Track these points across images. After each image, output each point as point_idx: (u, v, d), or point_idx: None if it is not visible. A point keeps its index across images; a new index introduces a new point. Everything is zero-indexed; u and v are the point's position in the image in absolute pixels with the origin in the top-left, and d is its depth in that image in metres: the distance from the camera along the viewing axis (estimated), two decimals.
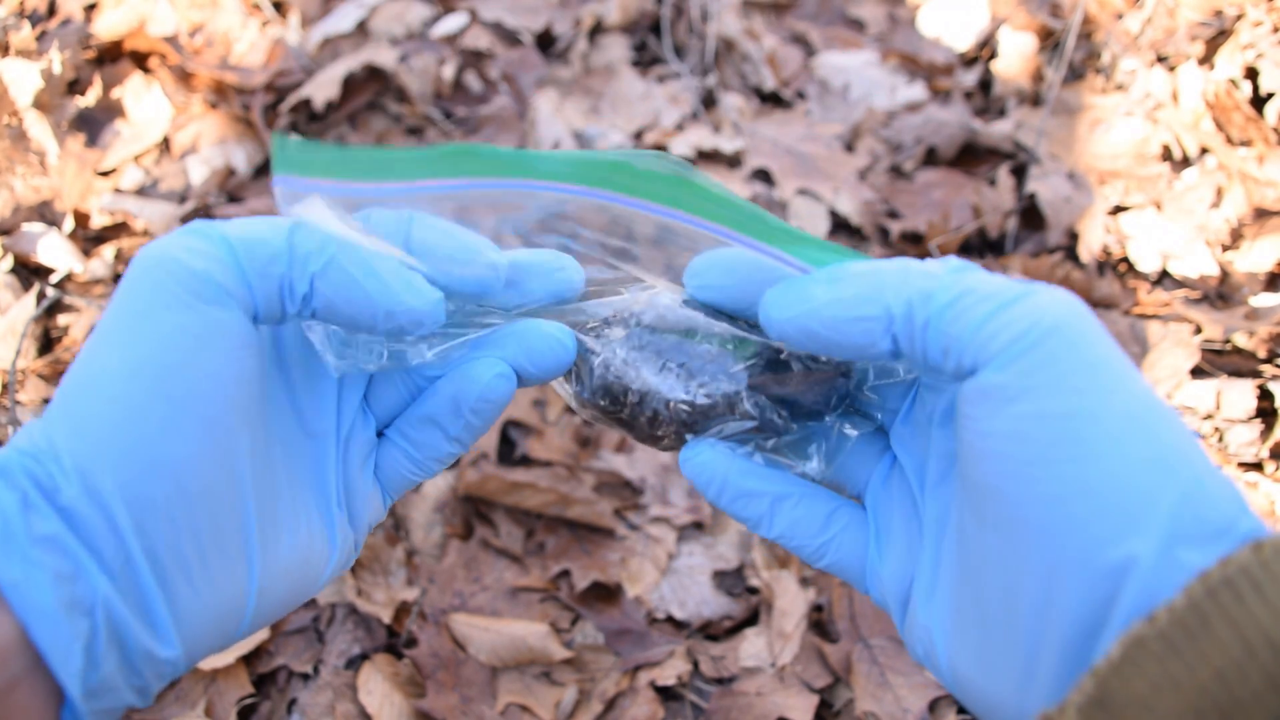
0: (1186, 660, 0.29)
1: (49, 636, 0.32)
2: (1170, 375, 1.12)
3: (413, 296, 0.39)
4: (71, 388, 0.36)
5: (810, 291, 0.38)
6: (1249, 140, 1.41)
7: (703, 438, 0.44)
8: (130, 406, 0.35)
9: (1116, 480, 0.31)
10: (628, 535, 1.02)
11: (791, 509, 0.43)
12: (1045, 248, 1.36)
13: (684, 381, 0.43)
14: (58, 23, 1.52)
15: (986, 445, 0.34)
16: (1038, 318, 0.33)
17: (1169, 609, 0.29)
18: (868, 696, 0.89)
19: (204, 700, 0.85)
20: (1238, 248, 1.33)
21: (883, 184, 1.44)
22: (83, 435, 0.34)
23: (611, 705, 0.89)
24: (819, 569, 0.45)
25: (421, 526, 1.02)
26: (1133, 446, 0.32)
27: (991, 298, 0.34)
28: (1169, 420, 0.33)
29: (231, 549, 0.38)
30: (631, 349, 0.44)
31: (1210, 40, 1.50)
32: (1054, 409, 0.33)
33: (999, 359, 0.34)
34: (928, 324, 0.35)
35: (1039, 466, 0.33)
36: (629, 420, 0.44)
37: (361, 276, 0.38)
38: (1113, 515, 0.31)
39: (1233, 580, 0.29)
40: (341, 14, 1.63)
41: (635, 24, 1.67)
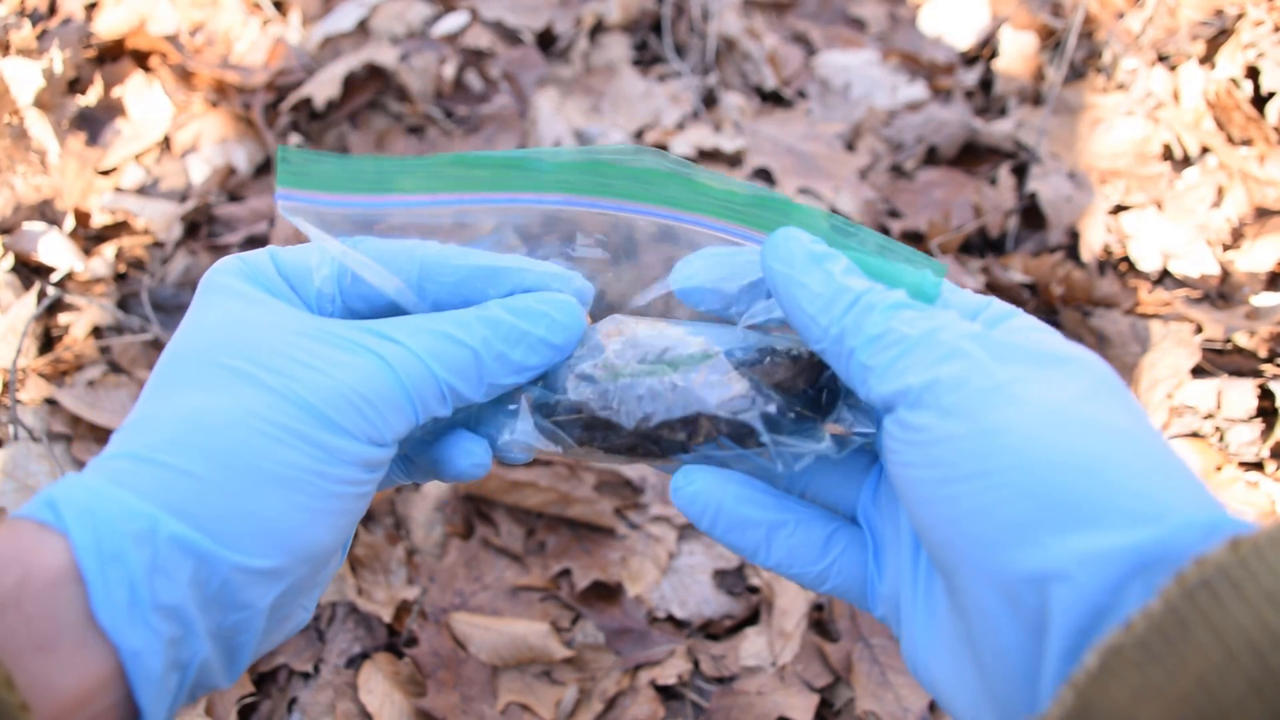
0: (1167, 667, 0.27)
1: (150, 695, 0.33)
2: (1171, 374, 1.12)
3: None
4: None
5: (799, 262, 0.41)
6: (1250, 139, 1.40)
7: (699, 456, 0.43)
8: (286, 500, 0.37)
9: (1025, 489, 0.32)
10: (628, 534, 1.02)
11: (788, 537, 0.43)
12: (1046, 247, 1.36)
13: (678, 379, 0.43)
14: (58, 22, 1.52)
15: (905, 474, 0.36)
16: (942, 353, 0.36)
17: (1145, 615, 0.28)
18: (868, 696, 0.89)
19: (204, 699, 0.85)
20: (1239, 247, 1.33)
21: (884, 183, 1.44)
22: (237, 505, 0.36)
23: (612, 704, 0.89)
24: (823, 594, 0.45)
25: (422, 525, 1.02)
26: (1038, 452, 0.32)
27: (902, 341, 0.37)
28: (1087, 423, 0.33)
29: (313, 589, 0.41)
30: (615, 361, 0.44)
31: (1211, 39, 1.49)
32: (955, 431, 0.34)
33: (908, 396, 0.36)
34: (852, 354, 0.38)
35: (946, 487, 0.34)
36: (623, 444, 0.43)
37: None
38: (1017, 527, 0.32)
39: (1210, 581, 0.28)
40: (342, 13, 1.63)
41: (636, 23, 1.67)
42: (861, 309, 0.38)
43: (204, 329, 0.39)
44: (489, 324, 0.41)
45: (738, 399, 0.42)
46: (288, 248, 0.44)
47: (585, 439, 0.44)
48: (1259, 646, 0.26)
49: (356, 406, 0.38)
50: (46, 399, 1.03)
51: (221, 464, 0.35)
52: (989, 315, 0.40)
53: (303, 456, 0.37)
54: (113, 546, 0.33)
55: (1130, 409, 0.35)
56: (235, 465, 0.36)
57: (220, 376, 0.37)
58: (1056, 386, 0.34)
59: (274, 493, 0.36)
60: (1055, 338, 0.38)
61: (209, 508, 0.35)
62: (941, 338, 0.36)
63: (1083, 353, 0.37)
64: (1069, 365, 0.36)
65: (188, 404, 0.37)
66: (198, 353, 0.38)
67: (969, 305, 0.41)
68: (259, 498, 0.36)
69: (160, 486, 0.35)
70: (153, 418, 0.37)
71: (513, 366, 0.42)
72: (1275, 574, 0.27)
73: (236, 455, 0.36)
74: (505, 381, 0.42)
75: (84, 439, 1.03)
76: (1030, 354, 0.36)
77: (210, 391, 0.37)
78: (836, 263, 0.41)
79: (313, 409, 0.37)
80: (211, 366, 0.38)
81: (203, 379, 0.38)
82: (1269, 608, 0.27)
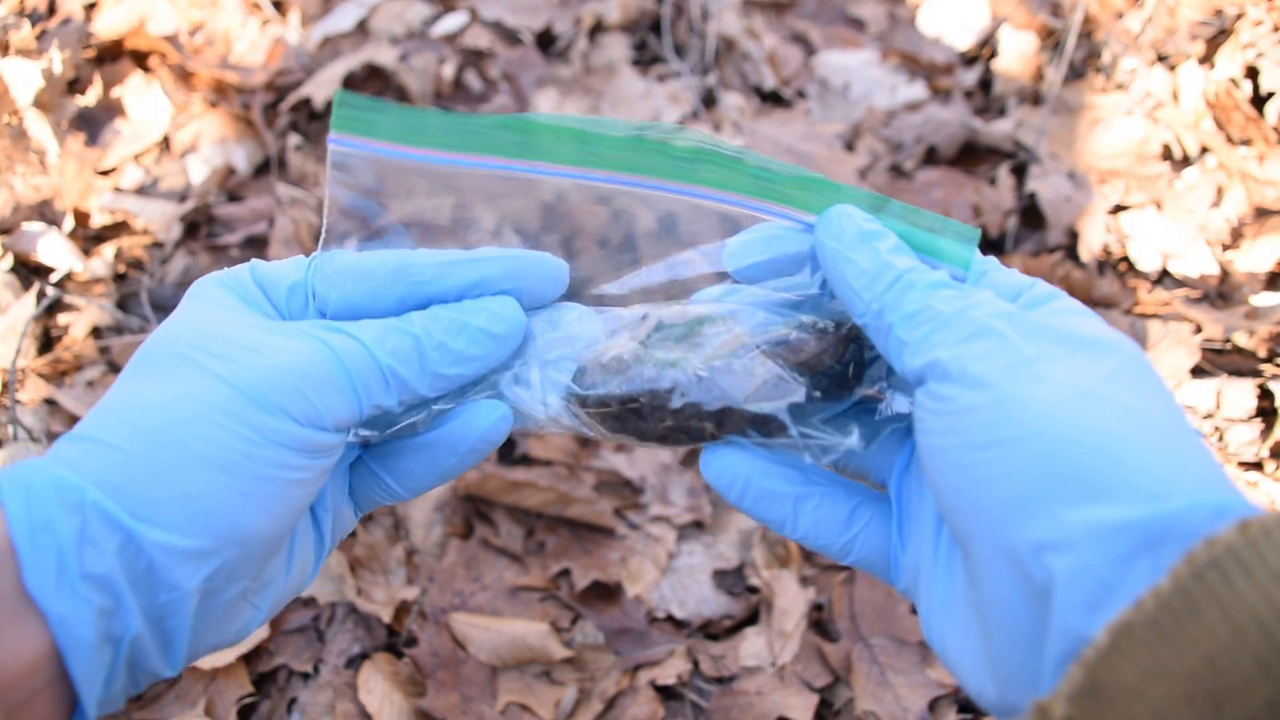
0: (1175, 646, 0.28)
1: (81, 665, 0.34)
2: (1171, 374, 1.12)
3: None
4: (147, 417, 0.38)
5: (850, 239, 0.42)
6: (1249, 139, 1.40)
7: (728, 441, 0.44)
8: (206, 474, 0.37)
9: (1038, 460, 0.33)
10: (628, 534, 1.02)
11: (814, 508, 0.44)
12: (1045, 247, 1.36)
13: (703, 369, 0.43)
14: (58, 22, 1.52)
15: (929, 442, 0.38)
16: (973, 329, 0.37)
17: (1155, 593, 0.29)
18: (868, 696, 0.89)
19: (204, 699, 0.85)
20: (1238, 247, 1.33)
21: (883, 183, 1.44)
22: (164, 483, 0.36)
23: (611, 704, 0.89)
24: (846, 564, 0.46)
25: (421, 526, 1.02)
26: (1054, 427, 0.33)
27: (937, 318, 0.38)
28: (1107, 402, 0.34)
29: (263, 588, 0.41)
30: (641, 350, 0.44)
31: (1211, 39, 1.50)
32: (978, 401, 0.35)
33: (937, 369, 0.37)
34: (890, 329, 0.40)
35: (964, 454, 0.35)
36: (653, 433, 0.44)
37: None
38: (1028, 496, 0.33)
39: (1219, 561, 0.28)
40: (342, 13, 1.63)
41: (635, 23, 1.67)
42: (902, 286, 0.40)
43: (170, 327, 0.41)
44: (430, 316, 0.43)
45: (764, 387, 0.43)
46: (268, 262, 0.45)
47: (617, 429, 0.44)
48: (1267, 626, 0.27)
49: (294, 387, 0.38)
50: (46, 399, 1.03)
51: (151, 442, 0.36)
52: (1031, 296, 0.41)
53: (233, 437, 0.37)
54: (43, 516, 0.34)
55: (1155, 393, 0.36)
56: (165, 443, 0.36)
57: (171, 364, 0.39)
58: (1082, 368, 0.35)
59: (203, 472, 0.37)
60: (1093, 322, 0.39)
61: (136, 484, 0.36)
62: (973, 315, 0.38)
63: (1115, 337, 0.37)
64: (1098, 348, 0.36)
65: (136, 390, 0.38)
66: (158, 347, 0.40)
67: (1012, 285, 0.42)
68: (187, 477, 0.36)
69: (93, 462, 0.36)
70: (104, 404, 0.39)
71: (454, 356, 0.42)
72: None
73: (167, 434, 0.37)
74: (449, 372, 0.43)
75: None
76: (1061, 335, 0.37)
77: (159, 379, 0.38)
78: (885, 241, 0.42)
79: (249, 389, 0.38)
80: (166, 356, 0.39)
81: (156, 368, 0.39)
82: (1277, 588, 0.27)
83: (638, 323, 0.46)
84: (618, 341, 0.45)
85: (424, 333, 0.42)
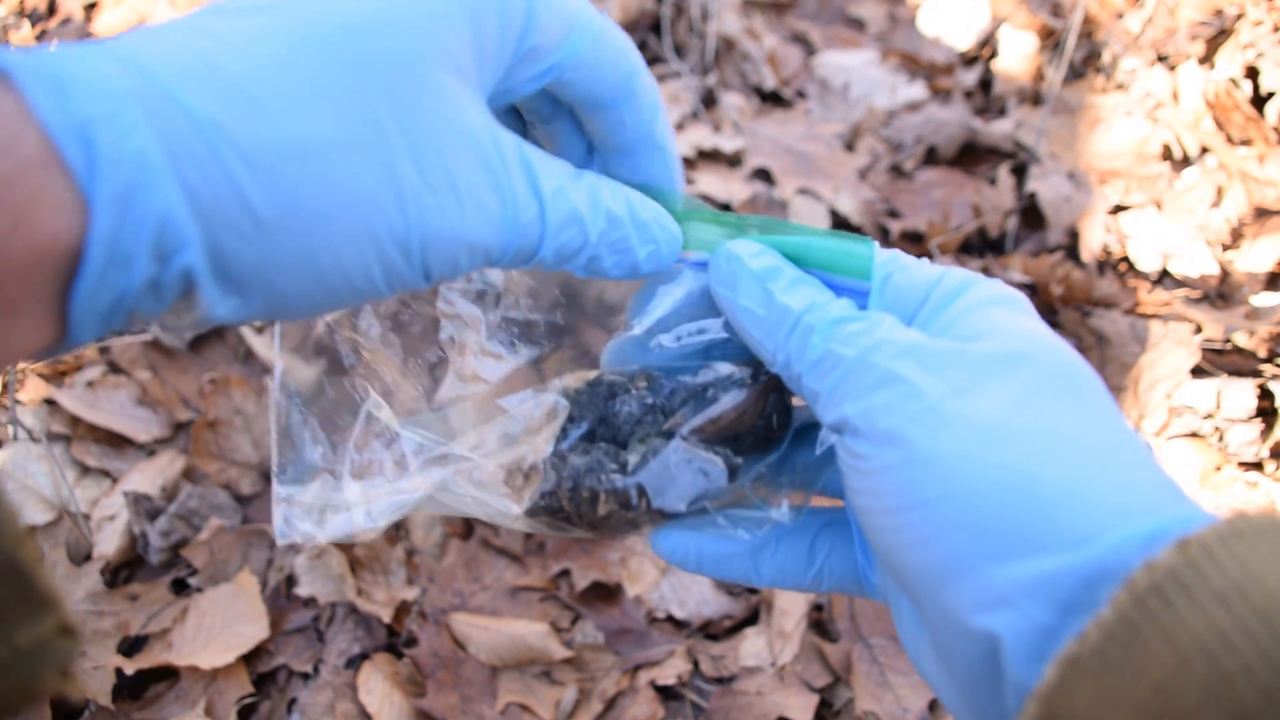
0: (1123, 675, 0.27)
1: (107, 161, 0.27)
2: (1170, 375, 1.12)
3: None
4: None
5: (742, 285, 0.39)
6: (1249, 140, 1.40)
7: (665, 526, 0.43)
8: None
9: (960, 519, 0.32)
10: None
11: (773, 555, 0.43)
12: (1045, 247, 1.36)
13: (613, 459, 0.42)
14: (58, 22, 1.52)
15: (854, 500, 0.36)
16: (874, 377, 0.35)
17: (1098, 623, 0.28)
18: (868, 696, 0.89)
19: (204, 699, 0.85)
20: (1238, 247, 1.33)
21: (883, 183, 1.44)
22: (258, 272, 0.31)
23: (611, 705, 0.89)
24: (823, 593, 0.45)
25: (421, 526, 1.02)
26: (970, 480, 0.32)
27: (839, 365, 0.36)
28: (1021, 436, 0.32)
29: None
30: (556, 459, 0.42)
31: (1211, 39, 1.50)
32: (890, 460, 0.33)
33: (847, 424, 0.35)
34: (800, 378, 0.38)
35: (888, 517, 0.34)
36: (581, 518, 0.42)
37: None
38: (957, 558, 0.31)
39: (1160, 586, 0.27)
40: None
41: (635, 23, 1.67)
42: (802, 331, 0.37)
43: (412, 43, 0.33)
44: (612, 221, 0.39)
45: (685, 484, 0.41)
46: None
47: (560, 527, 0.43)
48: (1211, 650, 0.26)
49: (456, 262, 0.35)
50: (46, 399, 1.03)
51: (286, 229, 0.30)
52: (941, 293, 0.38)
53: (366, 277, 0.33)
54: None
55: (1079, 402, 0.34)
56: (296, 247, 0.31)
57: (363, 134, 0.31)
58: (994, 395, 0.33)
59: (308, 282, 0.32)
60: (1007, 315, 0.36)
61: (237, 253, 0.30)
62: (874, 360, 0.35)
63: (1029, 341, 0.35)
64: (1008, 364, 0.34)
65: (302, 127, 0.30)
66: (388, 67, 0.32)
67: (919, 286, 0.39)
68: (289, 278, 0.31)
69: (213, 185, 0.29)
70: (258, 87, 0.30)
71: (591, 268, 0.39)
72: (1225, 573, 0.27)
73: (311, 239, 0.31)
74: (591, 268, 0.40)
75: (83, 439, 1.03)
76: (968, 360, 0.34)
77: (338, 148, 0.31)
78: (780, 279, 0.39)
79: (420, 244, 0.33)
80: (362, 116, 0.31)
81: (345, 114, 0.31)
82: (1219, 609, 0.26)
83: (545, 416, 0.44)
84: (532, 442, 0.43)
85: (597, 241, 0.39)
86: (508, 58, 0.36)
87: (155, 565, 0.96)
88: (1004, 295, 0.38)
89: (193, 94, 0.29)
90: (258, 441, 1.06)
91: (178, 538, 0.97)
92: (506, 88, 0.37)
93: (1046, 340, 0.35)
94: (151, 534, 0.96)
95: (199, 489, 1.00)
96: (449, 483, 0.43)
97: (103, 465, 1.02)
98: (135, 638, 0.89)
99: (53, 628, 0.26)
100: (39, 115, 0.27)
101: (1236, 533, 0.28)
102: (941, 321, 0.37)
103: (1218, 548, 0.27)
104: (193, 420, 1.07)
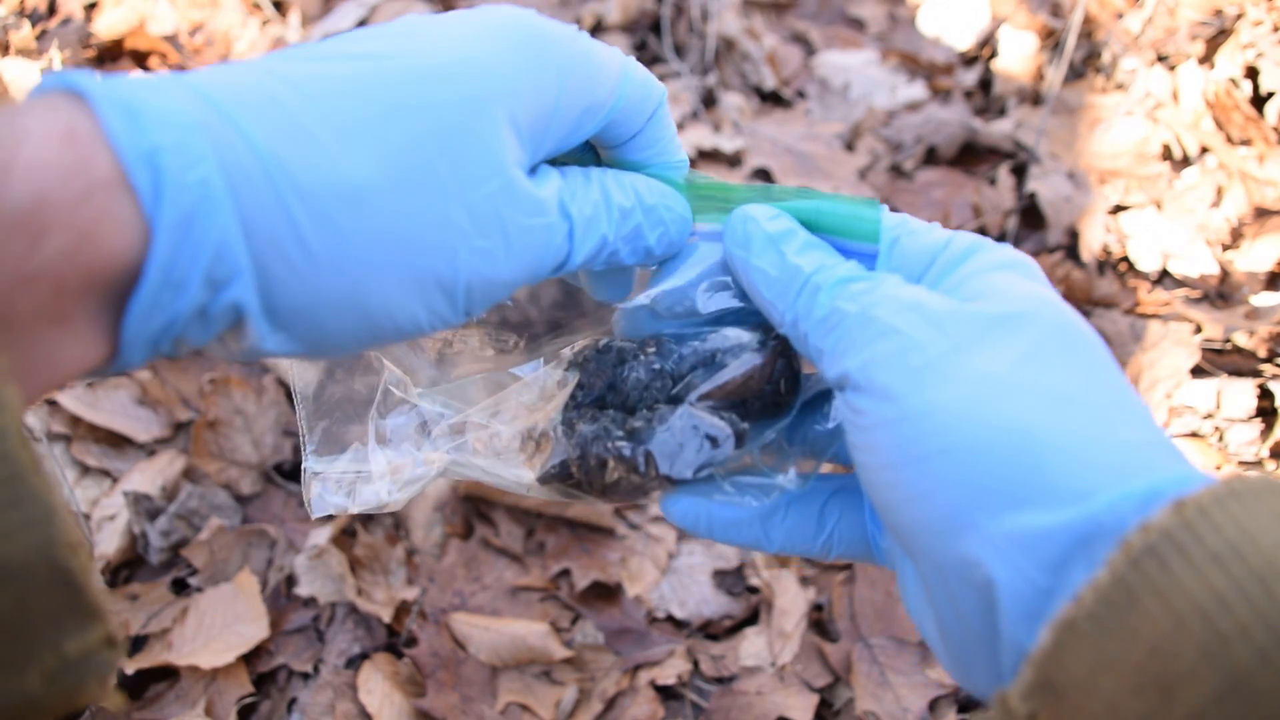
0: (1119, 638, 0.27)
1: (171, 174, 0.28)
2: (1170, 374, 1.12)
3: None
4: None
5: (756, 245, 0.40)
6: (1249, 139, 1.40)
7: (674, 491, 0.43)
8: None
9: (956, 474, 0.32)
10: (628, 534, 1.02)
11: (782, 520, 0.43)
12: (1045, 247, 1.36)
13: (625, 445, 0.42)
14: (58, 22, 1.52)
15: (855, 457, 0.36)
16: (875, 330, 0.35)
17: (1094, 587, 0.28)
18: (868, 696, 0.89)
19: (204, 699, 0.85)
20: (1238, 247, 1.33)
21: (883, 183, 1.44)
22: (310, 317, 0.32)
23: (611, 705, 0.89)
24: (831, 561, 0.45)
25: (421, 526, 1.02)
26: (969, 434, 0.32)
27: (843, 321, 0.36)
28: (1021, 392, 0.32)
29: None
30: (565, 427, 0.43)
31: (1211, 39, 1.50)
32: (889, 415, 0.34)
33: (849, 379, 0.36)
34: (806, 337, 0.38)
35: (886, 473, 0.34)
36: (591, 485, 0.43)
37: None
38: (953, 512, 0.32)
39: (1155, 548, 0.27)
40: (342, 13, 1.63)
41: (635, 23, 1.67)
42: (810, 290, 0.38)
43: (475, 105, 0.34)
44: (624, 215, 0.40)
45: (693, 450, 0.41)
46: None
47: (571, 494, 0.44)
48: (1207, 612, 0.26)
49: (497, 297, 0.36)
50: (46, 399, 1.03)
51: (340, 260, 0.31)
52: (948, 256, 0.38)
53: (409, 317, 0.34)
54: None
55: (1080, 363, 0.34)
56: (344, 297, 0.32)
57: (418, 181, 0.33)
58: (995, 352, 0.33)
59: (355, 323, 0.33)
60: (1013, 279, 0.36)
61: (286, 289, 0.31)
62: (876, 314, 0.35)
63: (1032, 302, 0.35)
64: (1012, 323, 0.34)
65: (359, 170, 0.31)
66: (448, 122, 0.33)
67: (927, 249, 0.39)
68: (339, 319, 0.32)
69: (265, 216, 0.30)
70: (325, 153, 0.31)
71: (610, 262, 0.41)
72: (1221, 534, 0.27)
73: (357, 288, 0.32)
74: (610, 261, 0.41)
75: (83, 439, 1.03)
76: (971, 317, 0.34)
77: (394, 192, 0.32)
78: (792, 241, 0.40)
79: (464, 290, 0.35)
80: (418, 163, 0.33)
81: (401, 161, 0.32)
82: (1215, 570, 0.26)
83: (556, 384, 0.44)
84: (544, 410, 0.44)
85: (612, 235, 0.40)
86: (573, 115, 0.38)
87: (155, 565, 0.96)
88: (1013, 259, 0.38)
89: (258, 129, 0.30)
90: (258, 441, 1.06)
91: (178, 537, 0.97)
92: (565, 146, 0.39)
93: (1051, 302, 0.35)
94: (152, 534, 0.96)
95: (199, 489, 1.00)
96: (465, 452, 0.45)
97: (103, 465, 1.02)
98: (135, 637, 0.89)
99: (99, 639, 0.26)
100: (112, 139, 0.28)
101: (1233, 494, 0.28)
102: (948, 284, 0.37)
103: (1214, 509, 0.27)
104: (193, 420, 1.07)
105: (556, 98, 0.37)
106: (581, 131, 0.39)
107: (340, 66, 0.32)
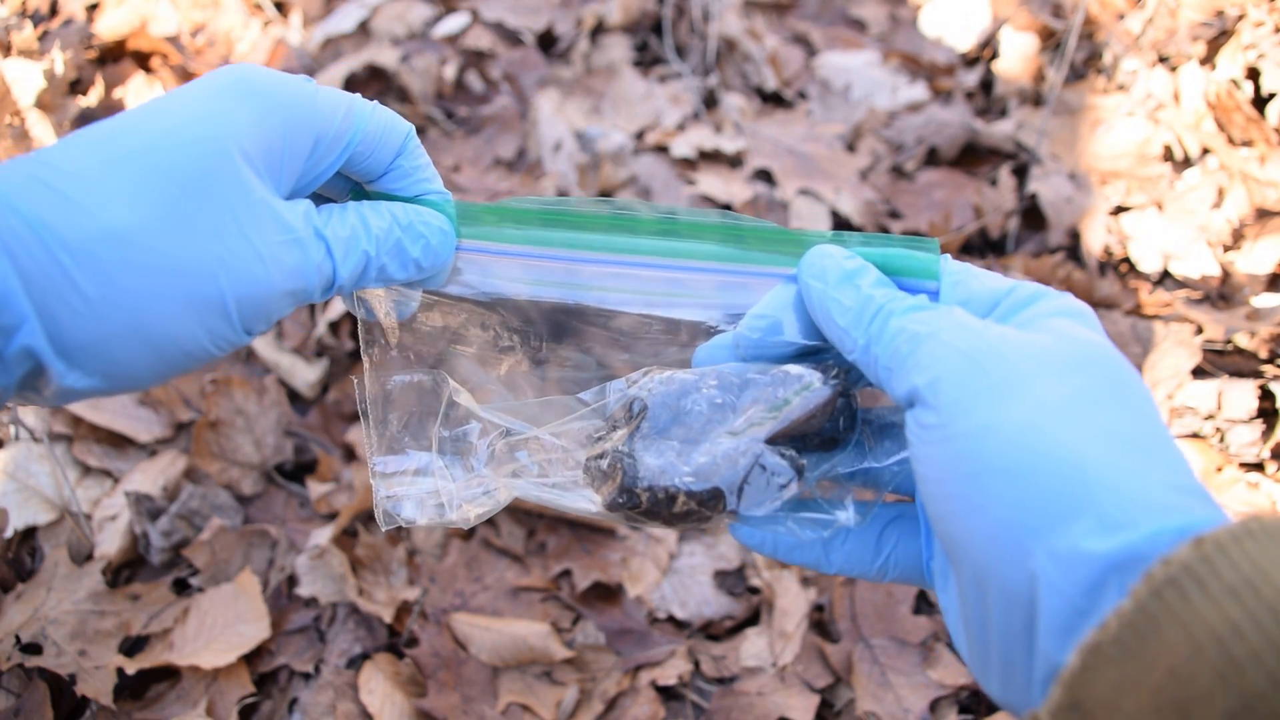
0: (1141, 661, 0.29)
1: None
2: (1171, 375, 1.12)
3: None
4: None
5: (833, 278, 0.44)
6: (1250, 140, 1.40)
7: (743, 518, 0.46)
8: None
9: (1008, 495, 0.34)
10: (629, 535, 1.02)
11: (843, 545, 0.46)
12: (1046, 248, 1.36)
13: (687, 460, 0.44)
14: (60, 22, 1.52)
15: (916, 470, 0.38)
16: (944, 351, 0.38)
17: (1118, 614, 0.30)
18: (869, 696, 0.89)
19: (205, 699, 0.85)
20: (1239, 248, 1.33)
21: (884, 184, 1.44)
22: (97, 345, 0.37)
23: (612, 705, 0.89)
24: (886, 583, 0.47)
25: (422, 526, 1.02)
26: (1025, 455, 0.34)
27: (913, 340, 0.39)
28: (1076, 423, 0.34)
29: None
30: (629, 458, 0.45)
31: (1212, 40, 1.50)
32: (952, 431, 0.36)
33: (916, 395, 0.38)
34: (877, 360, 0.41)
35: (945, 485, 0.36)
36: (658, 514, 0.45)
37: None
38: (1002, 529, 0.34)
39: (1176, 579, 0.29)
40: (343, 14, 1.63)
41: (637, 24, 1.67)
42: (883, 317, 0.41)
43: (207, 147, 0.39)
44: (384, 233, 0.45)
45: (757, 487, 0.44)
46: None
47: (636, 520, 0.46)
48: (1222, 639, 0.28)
49: (270, 313, 0.41)
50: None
51: (113, 302, 0.36)
52: (1011, 301, 0.41)
53: (190, 337, 0.38)
54: None
55: (1130, 406, 0.36)
56: (125, 320, 0.37)
57: (167, 219, 0.38)
58: (1053, 384, 0.35)
59: (140, 349, 0.37)
60: (1072, 325, 0.39)
61: (71, 324, 0.36)
62: (945, 337, 0.38)
63: (1091, 346, 0.37)
64: (1070, 364, 0.36)
65: (113, 219, 0.37)
66: (186, 166, 0.38)
67: (991, 292, 0.42)
68: (124, 348, 0.37)
69: (44, 256, 0.35)
70: (104, 186, 0.37)
71: (382, 276, 0.46)
72: (1236, 568, 0.29)
73: (135, 312, 0.37)
74: (382, 276, 0.46)
75: (84, 439, 1.03)
76: (1033, 351, 0.37)
77: (150, 231, 0.37)
78: (866, 277, 0.44)
79: (237, 307, 0.39)
80: (166, 204, 0.38)
81: (151, 205, 0.38)
82: (1231, 601, 0.28)
83: (622, 411, 0.47)
84: (610, 438, 0.46)
85: (375, 251, 0.45)
86: (305, 146, 0.43)
87: (156, 565, 0.96)
88: (1074, 308, 0.40)
89: (23, 203, 0.35)
90: (259, 442, 1.06)
91: (179, 538, 0.97)
92: (312, 177, 0.44)
93: (1108, 351, 0.38)
94: (153, 534, 0.96)
95: (200, 489, 1.00)
96: (529, 475, 0.48)
97: (104, 465, 1.02)
98: (136, 637, 0.89)
99: None
100: None
101: (1249, 532, 0.30)
102: (1014, 323, 0.40)
103: (1231, 545, 0.30)
104: (194, 420, 1.07)
105: (284, 133, 0.41)
106: (324, 161, 0.44)
107: (91, 145, 0.38)
